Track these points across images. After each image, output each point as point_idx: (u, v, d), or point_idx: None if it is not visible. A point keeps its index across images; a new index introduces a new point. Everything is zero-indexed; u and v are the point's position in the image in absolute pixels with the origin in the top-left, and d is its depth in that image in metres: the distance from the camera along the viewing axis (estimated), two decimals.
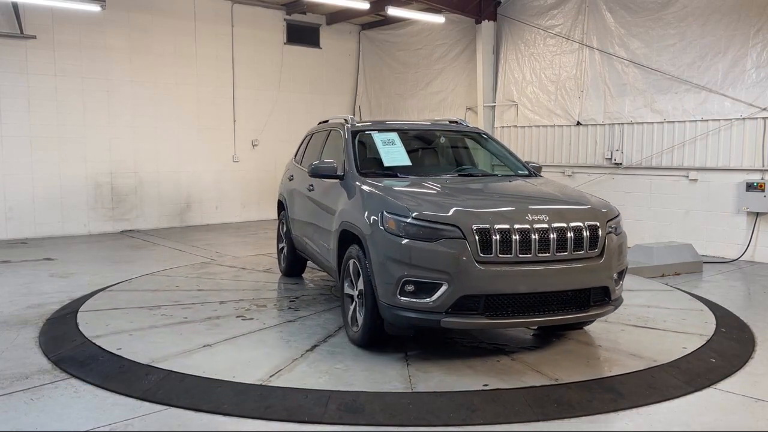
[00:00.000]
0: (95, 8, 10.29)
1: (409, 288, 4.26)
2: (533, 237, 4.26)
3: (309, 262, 7.30)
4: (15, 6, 10.08)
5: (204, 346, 4.80)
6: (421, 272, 4.22)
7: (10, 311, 5.98)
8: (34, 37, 10.41)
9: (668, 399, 3.97)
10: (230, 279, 7.31)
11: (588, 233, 4.41)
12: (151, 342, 4.90)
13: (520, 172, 5.95)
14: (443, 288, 4.17)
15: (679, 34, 9.11)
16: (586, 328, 5.31)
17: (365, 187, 5.05)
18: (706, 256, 8.57)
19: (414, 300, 4.26)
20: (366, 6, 10.80)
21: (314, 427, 3.57)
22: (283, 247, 7.53)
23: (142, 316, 5.62)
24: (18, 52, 10.35)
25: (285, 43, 13.40)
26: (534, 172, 5.96)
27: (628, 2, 9.68)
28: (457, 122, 6.71)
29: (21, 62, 10.38)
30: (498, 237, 4.20)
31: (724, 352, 4.82)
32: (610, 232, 4.56)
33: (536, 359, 4.64)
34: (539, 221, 4.32)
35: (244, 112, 12.91)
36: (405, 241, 4.29)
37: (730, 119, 8.66)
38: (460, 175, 5.75)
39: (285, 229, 7.35)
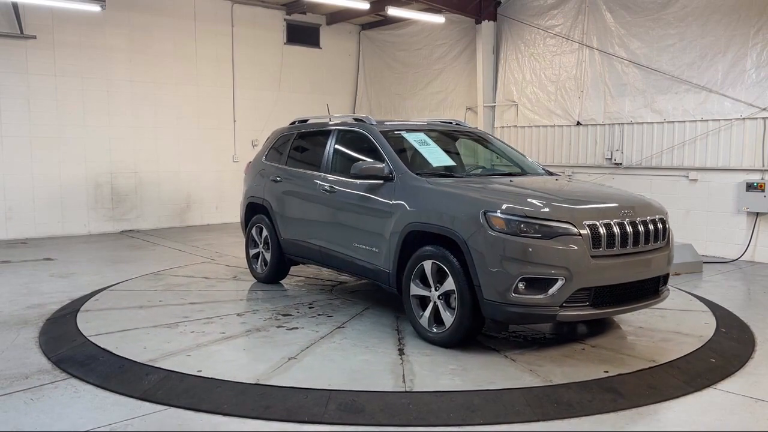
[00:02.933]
0: (95, 8, 10.29)
1: (522, 285, 4.32)
2: (629, 230, 4.58)
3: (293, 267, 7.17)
4: (15, 6, 10.08)
5: (289, 359, 4.52)
6: (539, 269, 4.31)
7: (10, 311, 5.98)
8: (34, 37, 10.41)
9: (668, 399, 3.97)
10: (205, 289, 6.76)
11: (661, 225, 4.87)
12: (225, 361, 4.51)
13: (539, 171, 6.10)
14: (559, 283, 4.31)
15: (679, 34, 9.11)
16: None
17: (444, 189, 4.96)
18: (706, 256, 8.57)
19: (528, 296, 4.34)
20: (366, 6, 10.79)
21: (314, 427, 3.56)
22: (258, 254, 7.16)
23: (171, 335, 5.07)
24: (18, 52, 10.35)
25: (285, 43, 13.40)
26: (549, 171, 6.16)
27: (628, 2, 9.67)
28: (450, 123, 6.70)
29: (21, 62, 10.38)
30: (604, 231, 4.46)
31: (724, 352, 4.83)
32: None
33: (612, 345, 4.91)
34: (629, 216, 4.66)
35: (244, 112, 12.90)
36: (521, 239, 4.34)
37: (730, 119, 8.66)
38: (503, 174, 5.81)
39: (265, 233, 6.96)
